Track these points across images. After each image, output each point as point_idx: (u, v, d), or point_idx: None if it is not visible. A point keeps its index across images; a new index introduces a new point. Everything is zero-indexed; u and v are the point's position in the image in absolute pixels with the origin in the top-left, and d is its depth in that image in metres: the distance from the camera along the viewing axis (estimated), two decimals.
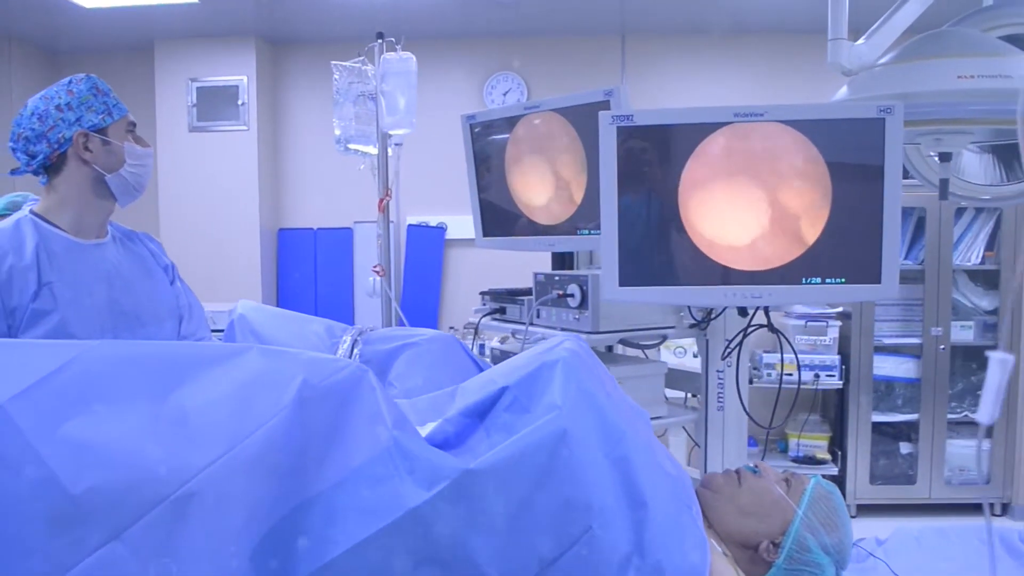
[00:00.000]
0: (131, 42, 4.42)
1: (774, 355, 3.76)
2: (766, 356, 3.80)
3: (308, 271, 4.66)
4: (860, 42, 1.59)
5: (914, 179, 1.84)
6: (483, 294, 2.14)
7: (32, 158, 1.51)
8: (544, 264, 2.09)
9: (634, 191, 1.42)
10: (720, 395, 1.76)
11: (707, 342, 1.77)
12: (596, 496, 1.02)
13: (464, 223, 4.39)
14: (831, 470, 3.83)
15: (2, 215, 2.61)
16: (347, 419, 1.02)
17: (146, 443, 0.92)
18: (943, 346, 3.73)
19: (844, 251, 1.38)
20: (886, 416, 3.84)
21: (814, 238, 1.37)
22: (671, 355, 3.75)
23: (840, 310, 3.86)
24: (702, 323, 1.77)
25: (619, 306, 1.68)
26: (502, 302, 2.06)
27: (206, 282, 3.54)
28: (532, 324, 1.84)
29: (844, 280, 1.39)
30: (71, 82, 1.52)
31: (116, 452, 0.90)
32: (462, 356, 1.71)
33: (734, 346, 1.70)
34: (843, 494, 1.56)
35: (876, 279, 1.37)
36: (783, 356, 1.80)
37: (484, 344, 3.09)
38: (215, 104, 4.40)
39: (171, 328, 1.63)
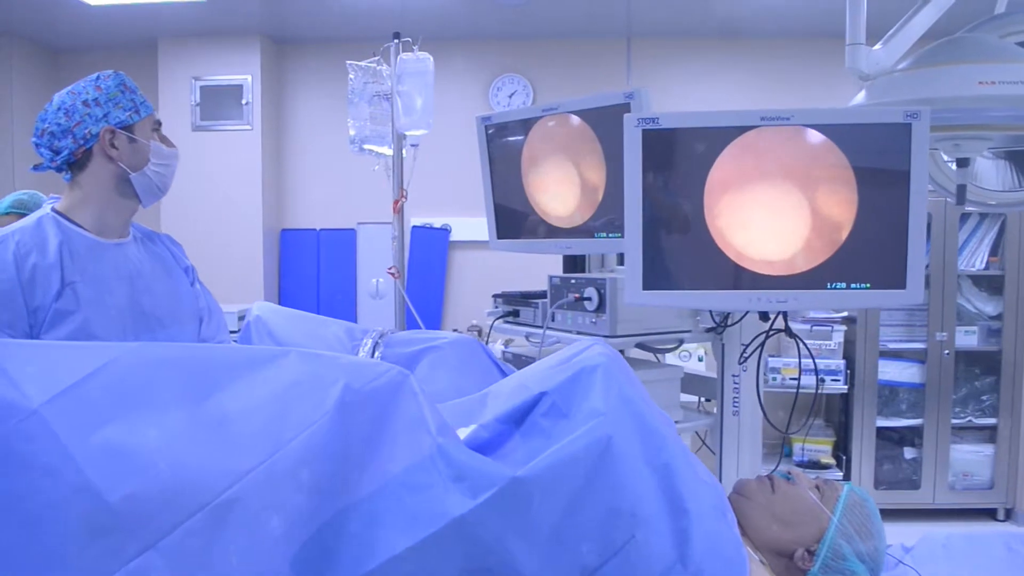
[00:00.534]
0: (134, 39, 4.40)
1: (778, 359, 3.77)
2: (772, 360, 3.80)
3: (311, 272, 4.62)
4: (877, 47, 1.59)
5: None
6: (496, 297, 2.13)
7: (56, 154, 1.47)
8: (552, 267, 2.06)
9: (658, 194, 1.41)
10: (736, 400, 1.75)
11: (723, 347, 1.77)
12: (639, 504, 1.01)
13: (469, 225, 4.40)
14: (835, 475, 3.82)
15: (7, 213, 2.60)
16: (389, 424, 1.00)
17: (185, 449, 0.90)
18: (947, 351, 3.73)
19: (869, 256, 1.37)
20: (890, 421, 3.84)
21: (840, 243, 1.36)
22: (676, 359, 3.74)
23: (845, 315, 3.86)
24: (719, 327, 1.76)
25: (636, 310, 1.67)
26: (515, 305, 2.04)
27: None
28: (548, 327, 1.83)
29: (869, 285, 1.38)
30: (99, 78, 1.51)
31: (154, 458, 0.88)
32: (484, 360, 1.70)
33: (752, 350, 1.69)
34: None
35: (901, 284, 1.37)
36: (800, 361, 1.79)
37: (490, 347, 3.07)
38: (219, 103, 4.38)
39: (192, 330, 1.61)
